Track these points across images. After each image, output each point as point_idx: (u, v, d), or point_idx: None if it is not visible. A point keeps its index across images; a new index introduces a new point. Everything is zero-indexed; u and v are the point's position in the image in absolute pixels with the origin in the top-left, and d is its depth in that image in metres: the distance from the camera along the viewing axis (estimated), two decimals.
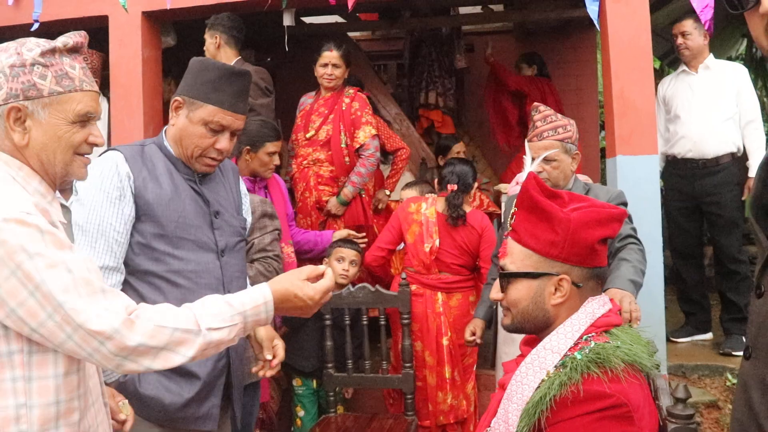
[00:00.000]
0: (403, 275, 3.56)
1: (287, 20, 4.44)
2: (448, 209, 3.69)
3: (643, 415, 1.42)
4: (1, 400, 1.37)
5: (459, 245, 3.69)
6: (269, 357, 2.09)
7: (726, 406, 3.83)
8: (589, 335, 1.51)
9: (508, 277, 1.62)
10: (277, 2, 4.24)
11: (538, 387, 1.46)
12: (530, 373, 1.50)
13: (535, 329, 1.61)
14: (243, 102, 2.22)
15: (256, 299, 1.59)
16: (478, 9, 6.16)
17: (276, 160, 3.51)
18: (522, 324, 1.63)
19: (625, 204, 2.88)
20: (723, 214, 4.27)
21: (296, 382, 3.73)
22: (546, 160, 2.87)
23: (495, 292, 1.68)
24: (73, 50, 1.52)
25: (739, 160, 4.29)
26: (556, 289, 1.57)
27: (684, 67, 4.45)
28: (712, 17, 3.60)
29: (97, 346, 1.36)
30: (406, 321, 3.49)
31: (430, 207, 3.77)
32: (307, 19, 6.25)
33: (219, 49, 4.27)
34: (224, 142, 2.17)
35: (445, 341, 3.66)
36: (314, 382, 3.70)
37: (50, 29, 4.54)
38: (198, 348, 1.47)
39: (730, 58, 8.20)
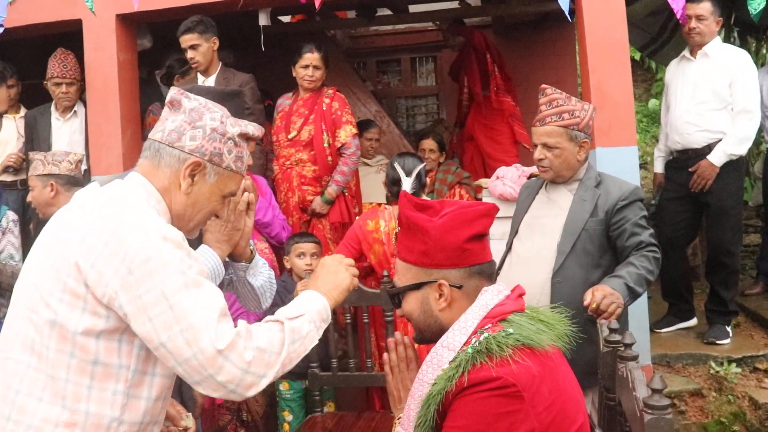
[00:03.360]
0: (386, 272, 3.54)
1: (263, 20, 4.44)
2: (398, 225, 3.52)
3: (538, 392, 1.44)
4: (100, 408, 1.47)
5: None
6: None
7: (710, 394, 3.86)
8: (485, 327, 1.55)
9: (396, 294, 1.71)
10: (250, 2, 4.21)
11: (434, 383, 1.52)
12: (429, 372, 1.57)
13: (433, 336, 1.66)
14: None
15: (311, 298, 1.69)
16: (455, 4, 6.15)
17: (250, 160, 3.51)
18: (422, 333, 1.70)
19: (641, 200, 2.79)
20: (714, 203, 4.13)
21: (283, 386, 3.70)
22: (548, 147, 2.76)
23: (398, 310, 1.76)
24: (252, 140, 1.75)
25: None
26: (440, 295, 1.63)
27: (686, 53, 4.28)
28: (685, 7, 3.62)
29: (215, 371, 1.44)
30: (389, 318, 3.48)
31: (390, 222, 3.61)
32: (284, 18, 6.23)
33: (214, 53, 4.29)
34: None
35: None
36: (305, 382, 3.68)
37: (24, 34, 4.50)
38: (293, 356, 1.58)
39: None
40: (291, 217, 4.30)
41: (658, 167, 4.51)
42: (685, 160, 4.22)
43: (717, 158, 4.02)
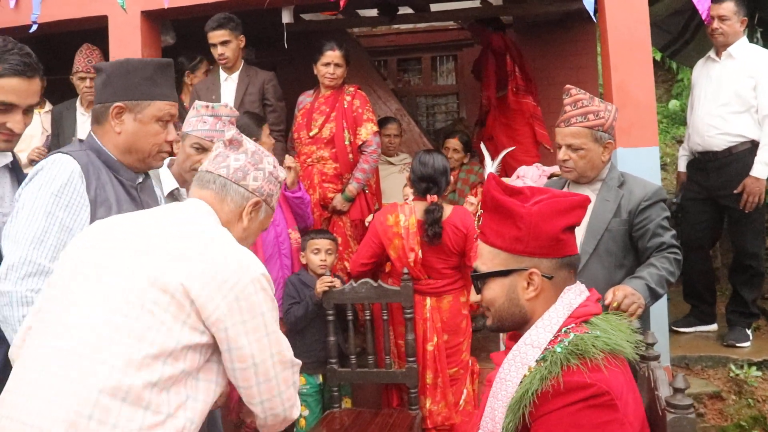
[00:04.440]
0: (405, 269, 3.55)
1: (286, 17, 4.46)
2: (425, 223, 3.53)
3: (626, 402, 1.43)
4: (181, 412, 1.55)
5: (445, 250, 3.57)
6: None
7: (729, 397, 3.84)
8: (569, 327, 1.52)
9: (480, 279, 1.65)
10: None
11: (521, 383, 1.48)
12: (513, 370, 1.52)
13: (514, 326, 1.63)
14: (174, 90, 2.31)
15: None
16: (477, 3, 6.14)
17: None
18: (502, 322, 1.65)
19: (664, 200, 2.78)
20: (734, 206, 4.09)
21: (299, 381, 3.73)
22: (573, 148, 2.74)
23: (473, 295, 1.71)
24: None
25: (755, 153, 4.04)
26: (528, 284, 1.59)
27: (712, 53, 4.24)
28: (710, 7, 3.60)
29: (284, 390, 1.74)
30: (409, 316, 3.49)
31: (410, 217, 3.59)
32: (306, 16, 6.25)
33: (240, 50, 4.39)
34: (172, 133, 2.25)
35: (429, 347, 3.59)
36: (321, 377, 3.71)
37: (50, 29, 4.57)
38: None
39: None
40: (311, 214, 4.32)
41: (681, 166, 4.50)
42: (705, 162, 4.20)
43: (759, 171, 3.97)
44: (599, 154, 2.76)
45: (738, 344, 4.14)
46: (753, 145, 4.04)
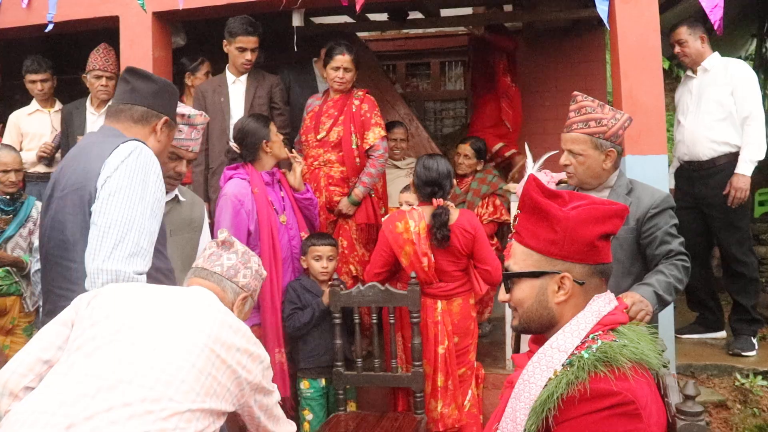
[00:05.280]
0: (413, 273, 3.56)
1: (296, 20, 4.48)
2: (434, 227, 3.52)
3: (651, 413, 1.42)
4: None
5: (455, 252, 3.57)
6: None
7: (734, 406, 3.83)
8: (596, 334, 1.52)
9: (511, 278, 1.65)
10: (292, 2, 4.26)
11: (546, 386, 1.47)
12: (537, 372, 1.51)
13: (540, 328, 1.62)
14: None
15: None
16: (487, 9, 6.15)
17: None
18: (528, 323, 1.64)
19: (672, 208, 2.80)
20: (720, 216, 4.24)
21: (304, 384, 3.71)
22: (572, 153, 2.77)
23: (502, 294, 1.70)
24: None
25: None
26: (558, 288, 1.58)
27: (689, 72, 4.46)
28: (722, 17, 3.60)
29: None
30: (416, 320, 3.50)
31: (420, 222, 3.58)
32: (316, 20, 6.27)
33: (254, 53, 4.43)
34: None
35: (440, 350, 3.59)
36: (323, 380, 3.70)
37: (62, 30, 4.59)
38: None
39: (739, 58, 8.19)
40: (319, 216, 4.33)
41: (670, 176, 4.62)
42: (691, 171, 4.37)
43: (744, 169, 4.10)
44: (599, 162, 2.76)
45: (744, 353, 4.16)
46: (734, 157, 4.18)
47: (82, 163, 2.20)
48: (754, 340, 4.24)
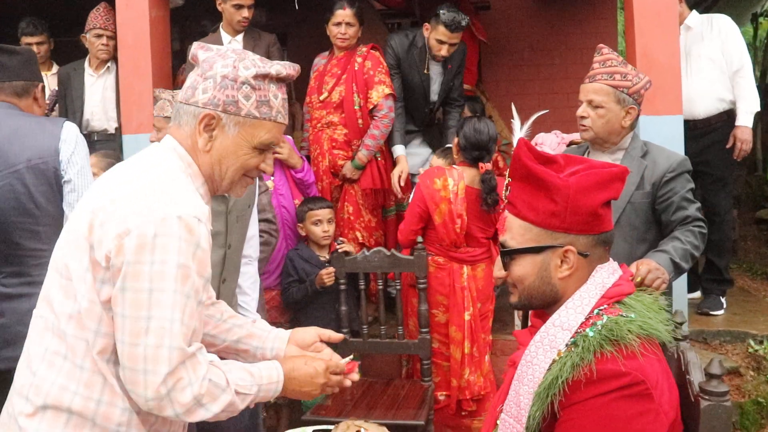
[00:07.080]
0: (419, 238, 3.47)
1: None
2: (483, 192, 3.43)
3: (662, 391, 1.34)
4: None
5: (489, 219, 3.51)
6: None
7: (747, 373, 3.78)
8: (601, 308, 1.42)
9: (509, 254, 1.52)
10: None
11: (549, 368, 1.39)
12: (540, 353, 1.42)
13: (543, 305, 1.53)
14: None
15: (272, 376, 1.58)
16: None
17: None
18: (529, 301, 1.54)
19: (689, 172, 2.68)
20: (711, 172, 4.27)
21: None
22: (592, 105, 2.64)
23: (497, 270, 1.58)
24: (282, 80, 1.55)
25: (735, 119, 4.25)
26: (562, 262, 1.47)
27: None
28: None
29: (142, 379, 1.38)
30: (422, 286, 3.42)
31: (459, 182, 3.46)
32: None
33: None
34: None
35: (467, 316, 3.52)
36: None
37: None
38: (222, 405, 1.45)
39: (755, 15, 8.00)
40: (321, 181, 4.20)
41: None
42: (686, 130, 4.23)
43: (745, 120, 4.15)
44: (620, 118, 2.65)
45: (712, 312, 4.26)
46: (729, 118, 4.23)
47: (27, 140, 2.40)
48: (723, 300, 4.35)
